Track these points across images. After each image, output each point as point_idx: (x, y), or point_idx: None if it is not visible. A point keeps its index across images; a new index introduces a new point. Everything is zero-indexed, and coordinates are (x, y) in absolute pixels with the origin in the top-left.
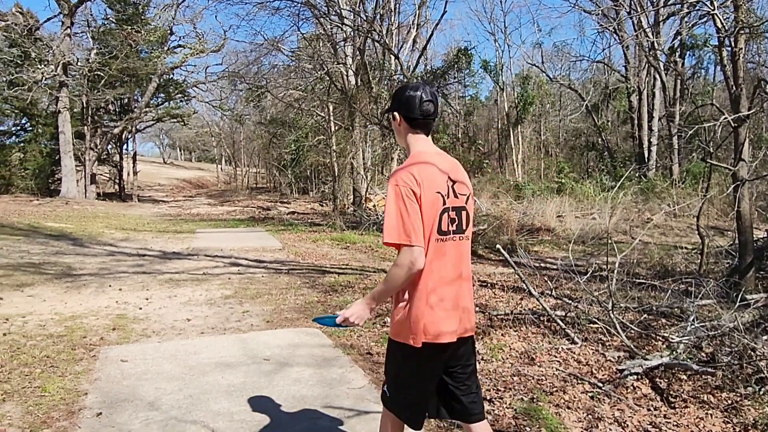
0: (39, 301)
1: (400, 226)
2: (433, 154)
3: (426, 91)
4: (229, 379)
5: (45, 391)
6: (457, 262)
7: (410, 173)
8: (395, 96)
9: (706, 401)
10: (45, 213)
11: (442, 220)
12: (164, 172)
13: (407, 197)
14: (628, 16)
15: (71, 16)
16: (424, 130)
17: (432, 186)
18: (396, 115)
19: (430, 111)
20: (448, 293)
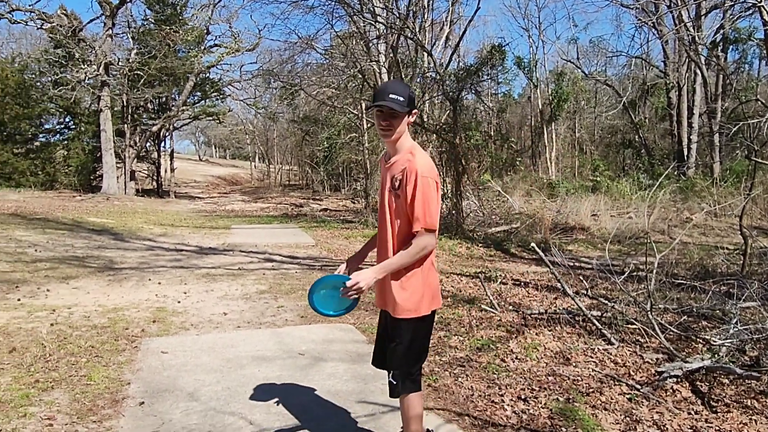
0: (83, 293)
1: (436, 214)
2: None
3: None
4: (265, 372)
5: (90, 379)
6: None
7: (435, 168)
8: (413, 96)
9: (749, 406)
10: (87, 208)
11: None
12: (200, 169)
13: (435, 189)
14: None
15: (113, 17)
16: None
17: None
18: (415, 113)
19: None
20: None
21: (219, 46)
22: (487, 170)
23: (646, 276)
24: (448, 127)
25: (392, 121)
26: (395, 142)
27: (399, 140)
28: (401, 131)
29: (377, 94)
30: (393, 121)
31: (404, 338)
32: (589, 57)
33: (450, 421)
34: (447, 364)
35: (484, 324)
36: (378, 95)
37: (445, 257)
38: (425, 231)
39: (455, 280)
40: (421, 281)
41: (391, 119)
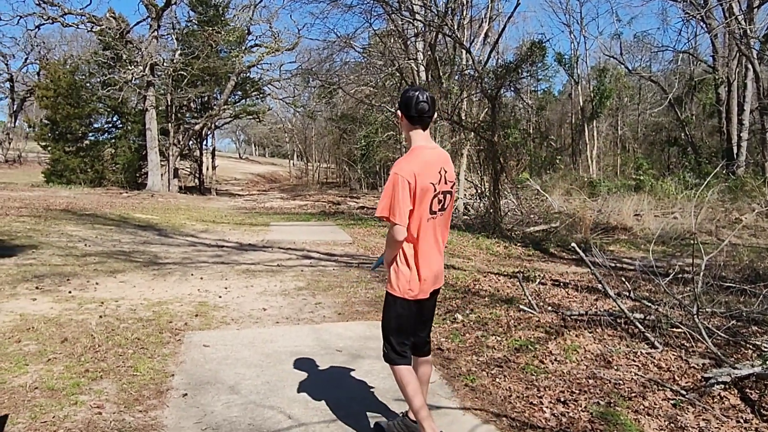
0: (130, 287)
1: (388, 206)
2: (429, 148)
3: (423, 93)
4: (303, 367)
5: (137, 370)
6: (436, 233)
7: (410, 168)
8: (401, 97)
9: None
10: (133, 205)
11: (432, 204)
12: (240, 167)
13: (402, 186)
14: (717, 2)
15: (158, 19)
16: (421, 125)
17: (426, 178)
18: (399, 113)
19: (424, 109)
20: (432, 258)
21: (259, 46)
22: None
23: (693, 278)
24: (486, 125)
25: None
26: (408, 140)
27: (406, 140)
28: (404, 130)
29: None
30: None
31: (384, 308)
32: (633, 52)
33: (487, 422)
34: (484, 365)
35: (522, 324)
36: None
37: (482, 256)
38: (391, 223)
39: (493, 280)
40: (397, 267)
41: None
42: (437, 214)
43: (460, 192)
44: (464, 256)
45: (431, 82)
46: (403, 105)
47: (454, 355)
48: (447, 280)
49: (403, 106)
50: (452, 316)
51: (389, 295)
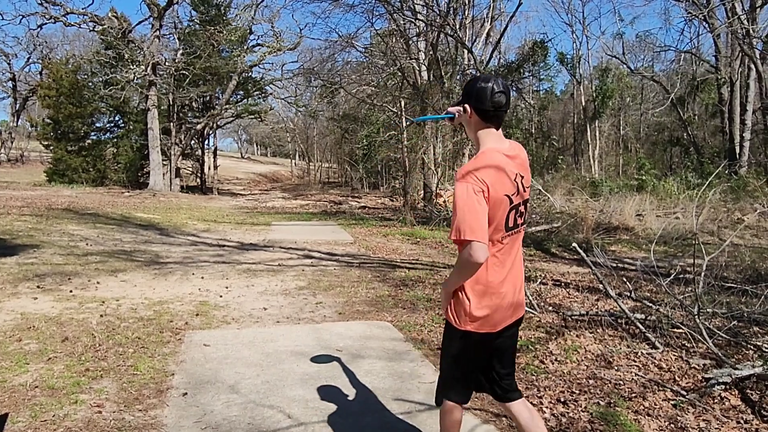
0: (131, 286)
1: (468, 224)
2: (502, 151)
3: (498, 82)
4: (303, 367)
5: (137, 369)
6: (513, 252)
7: (481, 176)
8: (466, 88)
9: None
10: (135, 204)
11: (508, 218)
12: (242, 167)
13: (476, 195)
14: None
15: (160, 18)
16: (495, 123)
17: (500, 189)
18: (467, 107)
19: (501, 103)
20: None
21: (261, 46)
22: None
23: (694, 278)
24: None
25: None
26: (474, 144)
27: (475, 141)
28: (471, 129)
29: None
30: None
31: (444, 340)
32: (635, 52)
33: (487, 422)
34: None
35: (523, 324)
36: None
37: None
38: (466, 242)
39: None
40: (463, 293)
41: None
42: (514, 229)
43: None
44: None
45: (433, 82)
46: (473, 97)
47: None
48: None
49: (473, 99)
50: None
51: (450, 327)
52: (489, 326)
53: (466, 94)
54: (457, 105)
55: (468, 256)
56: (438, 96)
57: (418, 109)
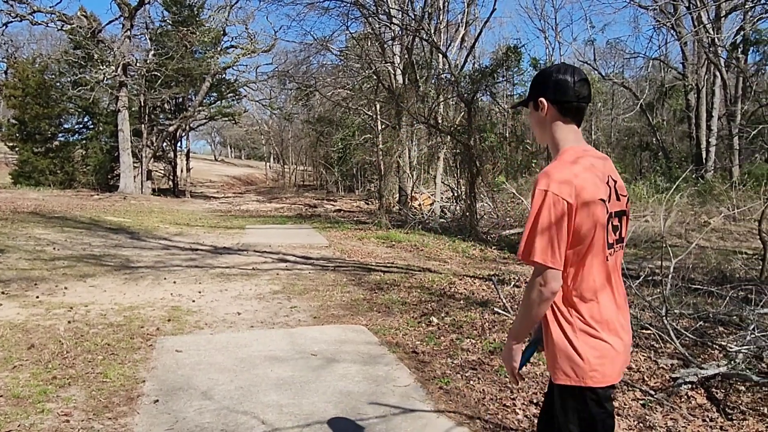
0: (100, 291)
1: (541, 242)
2: (588, 151)
3: (577, 70)
4: (278, 372)
5: (106, 377)
6: (617, 275)
7: (567, 178)
8: (539, 80)
9: (766, 414)
10: (104, 207)
11: (607, 231)
12: (215, 169)
13: (555, 209)
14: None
15: (131, 18)
16: (576, 119)
17: (595, 192)
18: (543, 102)
19: (584, 93)
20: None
21: (235, 48)
22: (501, 172)
23: (662, 280)
24: (462, 129)
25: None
26: (551, 146)
27: (552, 143)
28: (545, 128)
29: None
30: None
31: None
32: (606, 58)
33: (461, 424)
34: (459, 367)
35: (496, 327)
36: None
37: (458, 259)
38: (534, 265)
39: (468, 283)
40: (564, 336)
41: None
42: (615, 247)
43: (437, 195)
44: (440, 259)
45: (408, 86)
46: (550, 89)
47: (429, 357)
48: (422, 283)
49: (550, 92)
50: (427, 319)
51: (561, 389)
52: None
53: (539, 86)
54: (522, 103)
55: (540, 285)
56: (413, 100)
57: (394, 113)
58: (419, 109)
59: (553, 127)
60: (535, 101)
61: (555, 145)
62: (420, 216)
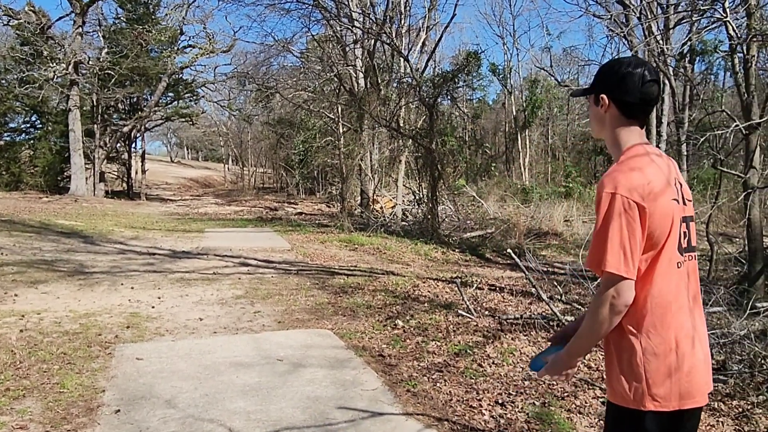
0: (53, 298)
1: (613, 250)
2: (654, 150)
3: (648, 68)
4: (243, 378)
5: (63, 387)
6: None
7: (637, 179)
8: (604, 73)
9: (717, 409)
10: (55, 210)
11: (680, 235)
12: (172, 171)
13: (629, 212)
14: (638, 22)
15: (83, 15)
16: (640, 121)
17: (666, 192)
18: (604, 99)
19: (653, 95)
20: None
21: (193, 47)
22: (462, 175)
23: None
24: (424, 133)
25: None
26: (610, 146)
27: (612, 142)
28: (604, 126)
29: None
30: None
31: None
32: (562, 65)
33: (429, 426)
34: (425, 370)
35: (461, 329)
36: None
37: (421, 262)
38: (605, 275)
39: (432, 285)
40: (621, 354)
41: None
42: (686, 254)
43: (399, 198)
44: (403, 262)
45: (370, 89)
46: (614, 85)
47: (396, 361)
48: (386, 286)
49: (616, 88)
50: (393, 323)
51: (620, 411)
52: (678, 399)
53: (603, 80)
54: (583, 93)
55: (613, 298)
56: (375, 103)
57: (355, 116)
58: (381, 113)
59: (613, 127)
60: (597, 96)
61: (616, 145)
62: (382, 219)
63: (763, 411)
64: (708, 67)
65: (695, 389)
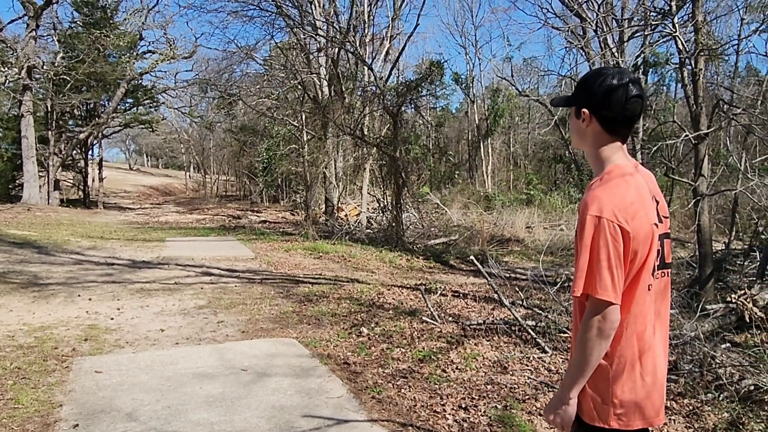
0: (5, 311)
1: (601, 275)
2: (636, 167)
3: (634, 81)
4: (207, 389)
5: (18, 402)
6: (657, 307)
7: (620, 201)
8: (587, 84)
9: (669, 407)
10: (6, 219)
11: (657, 256)
12: (130, 179)
13: (615, 236)
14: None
15: (37, 18)
16: (622, 137)
17: (648, 216)
18: (586, 113)
19: (636, 111)
20: (654, 351)
21: (153, 53)
22: (426, 183)
23: None
24: (388, 141)
25: (573, 123)
26: (591, 161)
27: (594, 158)
28: (585, 140)
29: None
30: (573, 123)
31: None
32: (522, 75)
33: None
34: (390, 376)
35: (425, 335)
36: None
37: (386, 269)
38: (591, 300)
39: (396, 292)
40: (601, 378)
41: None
42: (659, 271)
43: (363, 206)
44: (368, 269)
45: (334, 97)
46: (596, 100)
47: (361, 368)
48: (351, 294)
49: (596, 102)
50: (358, 330)
51: (587, 427)
52: (641, 419)
53: (585, 93)
54: (565, 103)
55: (599, 323)
56: (339, 111)
57: (320, 124)
58: (345, 121)
59: (595, 142)
60: (578, 109)
61: (598, 161)
62: (347, 227)
63: (712, 409)
64: (660, 79)
65: (657, 409)
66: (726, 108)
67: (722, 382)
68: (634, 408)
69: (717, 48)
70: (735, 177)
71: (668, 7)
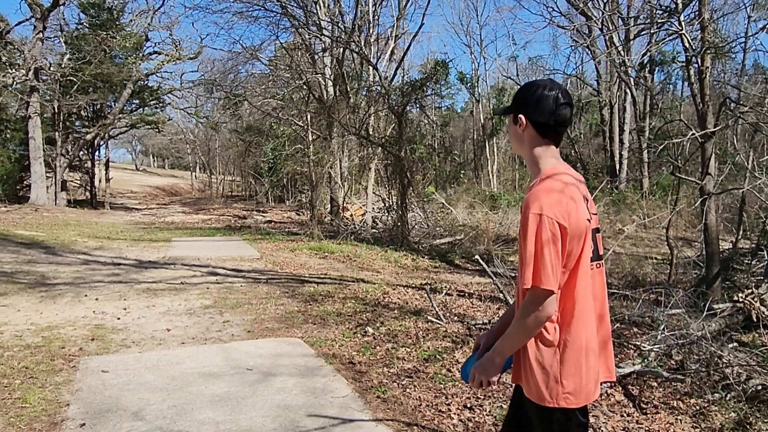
0: (13, 311)
1: (540, 267)
2: (569, 170)
3: (562, 91)
4: (213, 389)
5: (26, 402)
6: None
7: (558, 200)
8: (521, 94)
9: (675, 407)
10: (14, 220)
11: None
12: (137, 179)
13: (554, 232)
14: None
15: (43, 20)
16: (555, 140)
17: (582, 213)
18: (522, 119)
19: (565, 117)
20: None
21: (159, 54)
22: (431, 183)
23: None
24: (393, 140)
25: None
26: (528, 163)
27: (530, 160)
28: (523, 144)
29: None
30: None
31: (534, 426)
32: (528, 74)
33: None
34: (395, 376)
35: (430, 335)
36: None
37: (391, 269)
38: (534, 289)
39: (402, 292)
40: (540, 356)
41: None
42: (594, 263)
43: (368, 206)
44: (373, 269)
45: (339, 97)
46: (530, 107)
47: (366, 368)
48: (356, 293)
49: (529, 109)
50: (363, 330)
51: (538, 409)
52: (585, 397)
53: (520, 101)
54: (505, 111)
55: (537, 311)
56: (344, 111)
57: (325, 124)
58: (350, 121)
59: (531, 145)
60: (515, 115)
61: (534, 163)
62: (352, 227)
63: (719, 408)
64: (667, 77)
65: (596, 386)
66: (733, 106)
67: (729, 381)
68: (580, 388)
69: (724, 46)
70: (742, 175)
71: (674, 4)
